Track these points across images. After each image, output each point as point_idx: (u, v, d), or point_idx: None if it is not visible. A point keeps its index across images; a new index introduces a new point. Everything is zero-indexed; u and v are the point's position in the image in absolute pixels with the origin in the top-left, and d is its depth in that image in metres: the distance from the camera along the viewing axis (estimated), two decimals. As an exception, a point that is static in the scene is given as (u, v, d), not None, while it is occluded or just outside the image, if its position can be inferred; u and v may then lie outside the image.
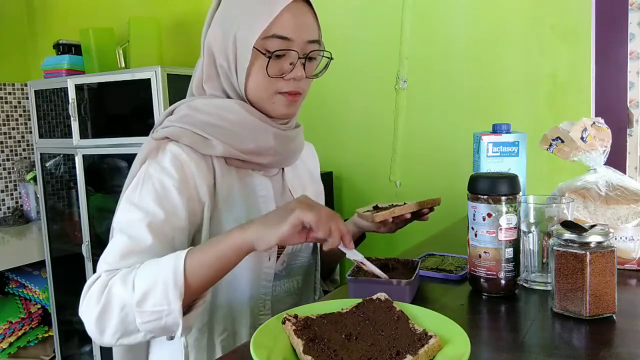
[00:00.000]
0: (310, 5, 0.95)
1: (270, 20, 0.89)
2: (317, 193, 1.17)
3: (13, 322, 2.46)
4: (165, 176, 0.90)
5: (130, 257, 0.82)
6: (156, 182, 0.89)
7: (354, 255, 0.84)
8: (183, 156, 0.92)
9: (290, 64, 0.93)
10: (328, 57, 1.00)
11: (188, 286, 0.77)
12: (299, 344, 0.61)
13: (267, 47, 0.91)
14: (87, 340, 2.42)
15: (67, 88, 2.28)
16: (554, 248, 0.74)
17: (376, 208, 1.05)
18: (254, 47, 0.91)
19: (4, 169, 2.90)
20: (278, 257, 1.01)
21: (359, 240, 1.16)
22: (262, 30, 0.90)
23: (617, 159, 1.55)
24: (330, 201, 2.11)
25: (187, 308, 0.80)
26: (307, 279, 1.10)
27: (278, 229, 0.76)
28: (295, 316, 0.66)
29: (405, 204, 1.01)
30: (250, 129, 0.95)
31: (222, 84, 0.97)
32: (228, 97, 0.97)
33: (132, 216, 0.87)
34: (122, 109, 2.22)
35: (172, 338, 0.84)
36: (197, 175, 0.92)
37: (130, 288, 0.77)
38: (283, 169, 1.07)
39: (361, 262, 0.84)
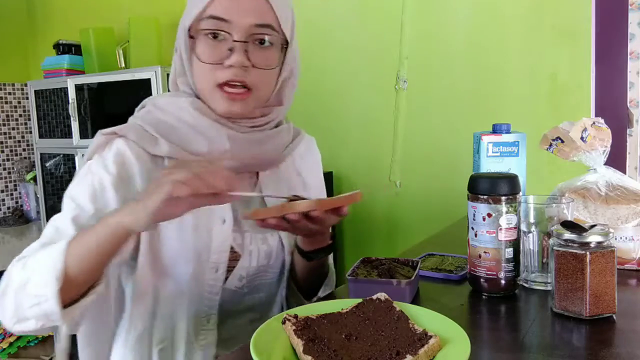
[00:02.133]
0: None
1: (205, 1, 0.85)
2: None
3: (13, 322, 2.46)
4: (105, 172, 0.87)
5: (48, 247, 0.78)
6: (95, 178, 0.87)
7: (250, 193, 0.78)
8: (127, 153, 0.88)
9: (229, 49, 0.85)
10: (283, 44, 0.90)
11: (69, 272, 0.72)
12: (299, 344, 0.61)
13: (202, 26, 0.86)
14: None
15: (67, 88, 2.28)
16: (554, 248, 0.74)
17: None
18: (189, 32, 0.87)
19: (4, 169, 2.90)
20: (231, 271, 0.94)
21: (321, 250, 0.94)
22: (197, 13, 0.85)
23: (617, 159, 1.55)
24: (330, 201, 2.11)
25: (78, 298, 0.76)
26: (271, 296, 1.01)
27: (147, 204, 0.69)
28: (295, 316, 0.66)
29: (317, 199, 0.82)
30: (202, 130, 0.89)
31: (188, 80, 0.93)
32: (195, 93, 0.92)
33: (65, 209, 0.86)
34: (122, 109, 2.22)
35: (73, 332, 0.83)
36: (139, 174, 0.88)
37: (24, 272, 0.75)
38: (258, 173, 0.98)
39: (264, 196, 0.78)
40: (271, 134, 0.95)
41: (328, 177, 2.09)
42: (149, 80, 1.97)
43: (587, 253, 0.71)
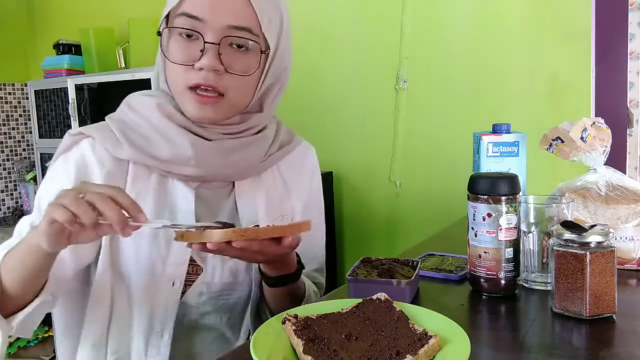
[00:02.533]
0: None
1: None
2: (290, 212, 0.98)
3: (13, 322, 2.46)
4: (65, 177, 0.84)
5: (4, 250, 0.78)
6: (55, 180, 0.85)
7: (160, 223, 0.71)
8: (89, 156, 0.85)
9: (200, 50, 0.79)
10: (262, 50, 0.83)
11: (5, 284, 0.73)
12: (299, 344, 0.61)
13: (174, 24, 0.81)
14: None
15: (67, 88, 2.28)
16: (554, 248, 0.74)
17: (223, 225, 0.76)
18: (163, 29, 0.83)
19: (4, 169, 2.90)
20: (190, 285, 0.89)
21: (285, 277, 0.86)
22: (172, 7, 0.80)
23: (617, 159, 1.55)
24: (330, 201, 2.11)
25: (23, 306, 0.76)
26: (236, 317, 0.95)
27: (40, 226, 0.65)
28: (295, 316, 0.66)
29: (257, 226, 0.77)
30: (165, 134, 0.84)
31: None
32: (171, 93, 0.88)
33: (30, 213, 0.86)
34: (122, 109, 2.23)
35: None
36: (99, 178, 0.83)
37: None
38: (234, 183, 0.92)
39: (172, 226, 0.72)
40: (248, 141, 0.89)
41: (328, 177, 2.09)
42: (149, 80, 1.97)
43: (587, 253, 0.71)
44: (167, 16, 0.84)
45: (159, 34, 0.84)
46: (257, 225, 0.79)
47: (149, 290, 0.85)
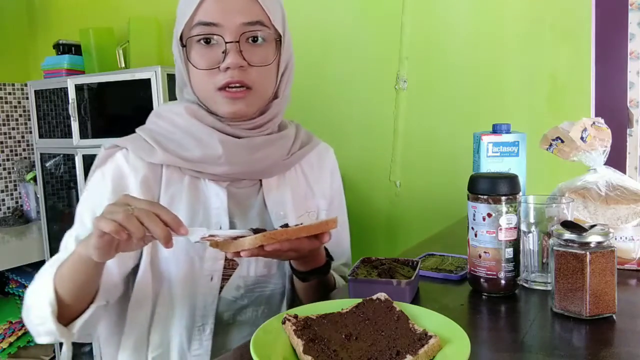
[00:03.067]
0: None
1: (192, 8, 0.85)
2: (316, 209, 1.03)
3: (13, 322, 2.46)
4: (103, 188, 0.89)
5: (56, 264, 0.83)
6: (94, 194, 0.90)
7: (197, 236, 0.74)
8: (124, 166, 0.90)
9: (223, 52, 0.85)
10: (276, 39, 0.90)
11: (60, 295, 0.79)
12: (299, 344, 0.61)
13: (193, 33, 0.87)
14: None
15: (67, 88, 2.28)
16: (554, 248, 0.74)
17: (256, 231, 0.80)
18: (182, 41, 0.88)
19: (4, 169, 2.90)
20: (227, 279, 0.93)
21: (316, 271, 0.90)
22: (186, 20, 0.86)
23: (617, 159, 1.55)
24: (330, 201, 2.11)
25: (80, 313, 0.82)
26: (273, 309, 0.98)
27: (90, 239, 0.70)
28: (295, 316, 0.66)
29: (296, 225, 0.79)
30: (195, 135, 0.89)
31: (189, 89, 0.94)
32: (197, 101, 0.93)
33: (73, 226, 0.90)
34: (122, 109, 2.23)
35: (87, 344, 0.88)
36: (136, 186, 0.88)
37: (30, 296, 0.84)
38: (261, 181, 0.97)
39: (209, 237, 0.75)
40: (272, 139, 0.94)
41: (328, 177, 2.09)
42: (149, 80, 1.97)
43: (587, 253, 0.71)
44: (181, 35, 0.89)
45: (183, 46, 0.89)
46: (287, 225, 0.81)
47: (188, 286, 0.89)
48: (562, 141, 0.97)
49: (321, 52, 2.15)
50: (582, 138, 0.94)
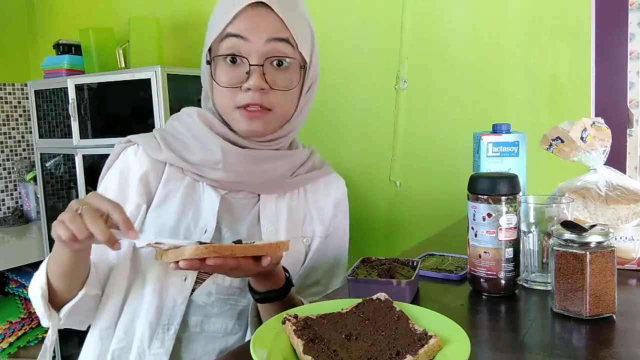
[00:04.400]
0: (271, 8, 0.89)
1: (224, 23, 0.88)
2: (312, 235, 1.02)
3: (13, 322, 2.46)
4: (110, 180, 0.95)
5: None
6: (102, 187, 0.96)
7: (144, 241, 0.74)
8: (132, 161, 0.94)
9: (247, 72, 0.88)
10: (301, 65, 0.94)
11: (51, 281, 0.84)
12: (299, 344, 0.61)
13: (221, 51, 0.90)
14: (87, 340, 2.43)
15: (67, 88, 2.28)
16: (554, 248, 0.74)
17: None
18: (210, 54, 0.91)
19: (4, 169, 2.90)
20: (201, 283, 0.92)
21: (273, 292, 0.86)
22: (217, 33, 0.89)
23: (617, 159, 1.55)
24: (330, 201, 2.11)
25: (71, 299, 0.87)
26: (243, 327, 0.95)
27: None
28: (295, 316, 0.66)
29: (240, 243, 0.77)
30: (200, 139, 0.93)
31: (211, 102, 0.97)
32: (218, 115, 0.95)
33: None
34: (122, 109, 2.23)
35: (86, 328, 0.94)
36: (136, 181, 0.93)
37: (32, 282, 0.89)
38: (260, 195, 0.97)
39: (155, 244, 0.74)
40: (276, 155, 0.95)
41: (328, 177, 2.08)
42: (149, 80, 1.97)
43: (587, 253, 0.71)
44: (210, 47, 0.92)
45: (209, 62, 0.92)
46: (240, 241, 0.80)
47: (160, 283, 0.89)
48: (562, 141, 0.97)
49: (321, 52, 2.14)
50: (582, 138, 0.94)
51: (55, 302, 0.87)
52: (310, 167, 1.03)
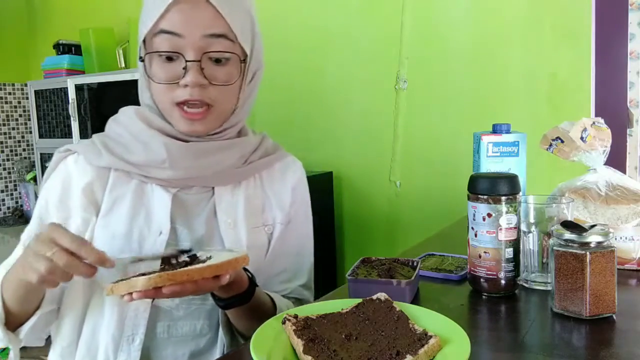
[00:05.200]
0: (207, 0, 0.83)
1: (156, 16, 0.83)
2: (273, 222, 0.97)
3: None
4: (50, 195, 0.90)
5: (5, 268, 0.85)
6: (43, 198, 0.91)
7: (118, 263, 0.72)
8: (72, 170, 0.89)
9: (183, 68, 0.83)
10: (240, 59, 0.87)
11: (7, 303, 0.81)
12: (299, 344, 0.61)
13: (155, 46, 0.85)
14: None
15: (67, 88, 2.28)
16: (554, 248, 0.74)
17: (165, 265, 0.77)
18: (144, 47, 0.87)
19: (4, 169, 2.90)
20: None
21: (237, 297, 0.83)
22: (150, 26, 0.84)
23: (617, 159, 1.55)
24: (330, 201, 2.11)
25: (28, 318, 0.84)
26: (214, 325, 0.91)
27: (29, 275, 0.72)
28: (295, 316, 0.66)
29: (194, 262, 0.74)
30: (141, 139, 0.88)
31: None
32: (157, 110, 0.90)
33: (30, 213, 0.93)
34: (122, 109, 2.23)
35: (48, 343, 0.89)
36: (78, 193, 0.87)
37: None
38: (214, 188, 0.93)
39: (138, 260, 0.74)
40: (224, 145, 0.90)
41: (328, 177, 2.09)
42: (149, 80, 1.97)
43: (587, 253, 0.71)
44: (144, 41, 0.88)
45: (141, 59, 0.88)
46: (194, 255, 0.76)
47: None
48: (562, 141, 0.97)
49: (321, 52, 2.15)
50: (582, 138, 0.94)
51: (10, 322, 0.84)
52: (264, 153, 0.98)
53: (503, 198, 0.79)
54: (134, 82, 0.93)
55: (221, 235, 0.90)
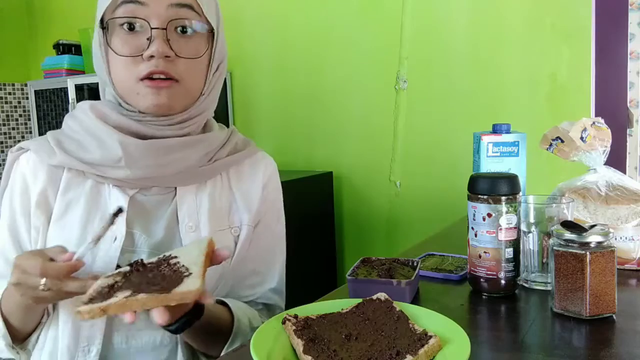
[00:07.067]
0: None
1: None
2: (239, 223, 0.91)
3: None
4: (14, 200, 0.84)
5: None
6: (6, 207, 0.86)
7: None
8: (27, 172, 0.84)
9: (148, 39, 0.77)
10: (208, 32, 0.83)
11: (9, 322, 0.80)
12: (299, 344, 0.61)
13: (116, 16, 0.78)
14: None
15: (67, 88, 2.28)
16: (554, 248, 0.74)
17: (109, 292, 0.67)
18: (104, 22, 0.80)
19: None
20: None
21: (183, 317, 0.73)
22: (109, 2, 0.78)
23: (617, 159, 1.55)
24: (330, 201, 2.11)
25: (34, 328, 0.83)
26: (171, 339, 0.84)
27: (27, 303, 0.73)
28: (295, 316, 0.66)
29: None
30: (96, 135, 0.81)
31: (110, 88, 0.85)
32: (118, 99, 0.84)
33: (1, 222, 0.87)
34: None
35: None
36: (38, 199, 0.83)
37: None
38: (177, 188, 0.86)
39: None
40: (186, 142, 0.84)
41: (328, 177, 2.09)
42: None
43: (587, 253, 0.71)
44: (102, 17, 0.81)
45: (104, 28, 0.80)
46: (143, 263, 0.71)
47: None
48: (562, 141, 0.97)
49: (321, 52, 2.15)
50: (582, 138, 0.94)
51: (17, 337, 0.82)
52: (232, 149, 0.92)
53: (503, 198, 0.79)
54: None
55: (181, 240, 0.85)
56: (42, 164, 0.84)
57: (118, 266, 0.79)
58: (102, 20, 0.81)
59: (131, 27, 0.79)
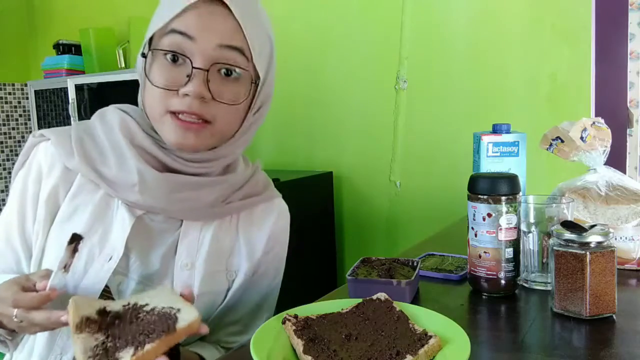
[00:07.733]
0: (228, 8, 0.75)
1: (171, 15, 0.74)
2: (237, 269, 0.88)
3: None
4: (29, 187, 0.82)
5: None
6: (19, 191, 0.83)
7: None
8: (43, 164, 0.82)
9: (187, 75, 0.74)
10: (252, 80, 0.79)
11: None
12: (299, 344, 0.61)
13: (161, 45, 0.76)
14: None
15: (67, 88, 2.28)
16: (554, 248, 0.74)
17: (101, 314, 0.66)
18: (150, 48, 0.78)
19: (4, 169, 2.90)
20: None
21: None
22: (161, 25, 0.75)
23: (617, 159, 1.55)
24: (330, 201, 2.11)
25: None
26: None
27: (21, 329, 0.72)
28: (295, 316, 0.66)
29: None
30: (117, 151, 0.79)
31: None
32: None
33: (5, 212, 0.85)
34: (122, 109, 2.23)
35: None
36: (48, 199, 0.81)
37: None
38: (182, 221, 0.83)
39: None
40: (202, 183, 0.81)
41: (328, 177, 2.09)
42: (149, 80, 1.97)
43: (587, 253, 0.71)
44: (152, 38, 0.78)
45: (144, 55, 0.79)
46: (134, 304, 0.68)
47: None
48: (562, 141, 0.97)
49: (321, 52, 2.15)
50: (582, 138, 0.94)
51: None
52: (248, 193, 0.88)
53: (503, 198, 0.79)
54: (135, 82, 0.85)
55: (174, 277, 0.82)
56: (59, 161, 0.82)
57: (106, 287, 0.77)
58: (149, 43, 0.79)
59: (174, 59, 0.76)
